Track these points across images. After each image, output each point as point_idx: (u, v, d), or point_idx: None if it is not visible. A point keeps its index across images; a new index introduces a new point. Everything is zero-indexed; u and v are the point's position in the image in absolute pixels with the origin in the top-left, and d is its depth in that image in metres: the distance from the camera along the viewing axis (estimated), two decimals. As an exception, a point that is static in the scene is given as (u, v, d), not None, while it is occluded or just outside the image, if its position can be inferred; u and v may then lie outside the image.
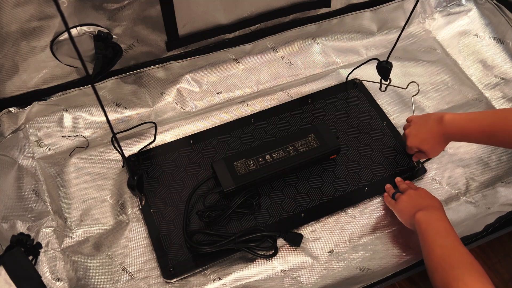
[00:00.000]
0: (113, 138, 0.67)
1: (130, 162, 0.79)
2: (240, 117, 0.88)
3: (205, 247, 0.69)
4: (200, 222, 0.74)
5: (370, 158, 0.83)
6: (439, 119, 0.72)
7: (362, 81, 0.93)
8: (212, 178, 0.76)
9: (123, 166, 0.80)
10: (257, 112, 0.89)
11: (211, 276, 0.70)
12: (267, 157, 0.76)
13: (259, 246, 0.71)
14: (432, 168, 0.83)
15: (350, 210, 0.77)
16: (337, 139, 0.80)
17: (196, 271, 0.70)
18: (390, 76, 0.82)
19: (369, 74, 0.94)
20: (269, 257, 0.71)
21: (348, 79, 0.93)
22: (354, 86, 0.93)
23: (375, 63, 0.83)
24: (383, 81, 0.84)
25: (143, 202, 0.75)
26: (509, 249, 0.88)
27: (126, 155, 0.81)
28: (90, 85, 0.83)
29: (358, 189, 0.79)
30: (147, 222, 0.74)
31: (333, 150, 0.79)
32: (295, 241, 0.73)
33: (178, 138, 0.85)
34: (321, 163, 0.81)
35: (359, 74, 0.93)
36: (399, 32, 1.04)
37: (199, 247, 0.69)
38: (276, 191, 0.78)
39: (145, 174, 0.79)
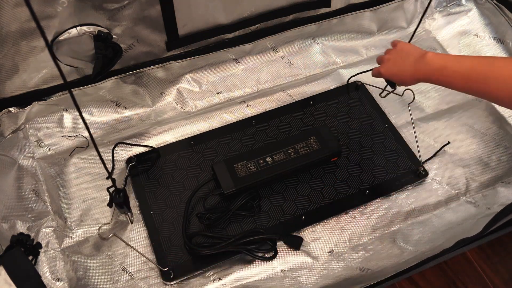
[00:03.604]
0: (114, 148, 0.67)
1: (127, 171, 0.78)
2: (241, 118, 0.88)
3: (204, 249, 0.69)
4: (200, 224, 0.73)
5: (371, 161, 0.82)
6: (421, 55, 0.68)
7: (364, 84, 0.93)
8: (213, 180, 0.76)
9: (107, 178, 0.79)
10: (258, 114, 0.88)
11: (211, 276, 0.70)
12: (268, 159, 0.76)
13: (259, 249, 0.71)
14: (432, 168, 0.83)
15: (350, 211, 0.77)
16: (339, 142, 0.80)
17: (196, 273, 0.70)
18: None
19: (369, 75, 0.94)
20: (268, 260, 0.71)
21: (350, 81, 0.92)
22: (356, 89, 0.93)
23: (376, 64, 0.83)
24: (388, 88, 0.82)
25: (133, 218, 0.73)
26: (509, 249, 0.88)
27: (127, 155, 0.81)
28: (90, 85, 0.84)
29: (359, 192, 0.78)
30: (147, 224, 0.74)
31: (334, 152, 0.79)
32: (295, 244, 0.73)
33: (178, 138, 0.85)
34: (322, 166, 0.81)
35: (359, 76, 0.92)
36: (400, 32, 1.05)
37: (198, 249, 0.69)
38: (276, 193, 0.78)
39: (146, 175, 0.79)
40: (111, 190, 0.73)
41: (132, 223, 0.74)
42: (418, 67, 0.67)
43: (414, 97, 0.87)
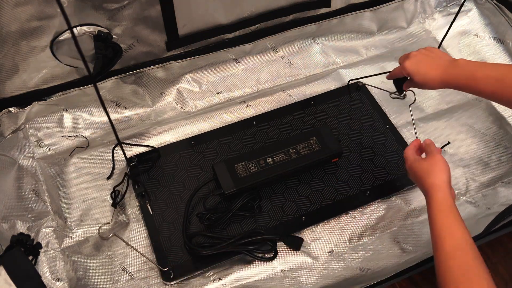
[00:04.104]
0: (114, 148, 0.67)
1: (131, 168, 0.79)
2: (241, 118, 0.88)
3: (205, 249, 0.69)
4: (200, 224, 0.73)
5: (372, 162, 0.82)
6: (453, 59, 0.67)
7: (365, 84, 0.93)
8: (213, 180, 0.76)
9: (108, 178, 0.79)
10: (259, 114, 0.88)
11: (211, 276, 0.70)
12: (269, 159, 0.76)
13: (259, 249, 0.71)
14: (432, 168, 0.83)
15: (350, 211, 0.77)
16: (339, 142, 0.80)
17: (196, 273, 0.70)
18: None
19: (371, 77, 0.94)
20: (268, 260, 0.71)
21: (350, 81, 0.92)
22: (357, 89, 0.93)
23: (376, 64, 0.83)
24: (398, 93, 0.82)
25: (150, 207, 0.75)
26: (509, 249, 0.88)
27: (127, 155, 0.81)
28: (90, 85, 0.84)
29: (359, 192, 0.78)
30: (147, 224, 0.74)
31: (335, 153, 0.78)
32: (295, 245, 0.72)
33: (178, 138, 0.85)
34: (322, 166, 0.81)
35: (360, 75, 0.92)
36: (400, 32, 1.05)
37: (198, 249, 0.69)
38: (277, 194, 0.78)
39: (146, 175, 0.79)
40: (117, 189, 0.74)
41: (152, 212, 0.74)
42: (449, 71, 0.66)
43: (415, 98, 0.87)
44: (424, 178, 0.62)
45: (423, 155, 0.68)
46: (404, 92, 0.79)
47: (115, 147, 0.81)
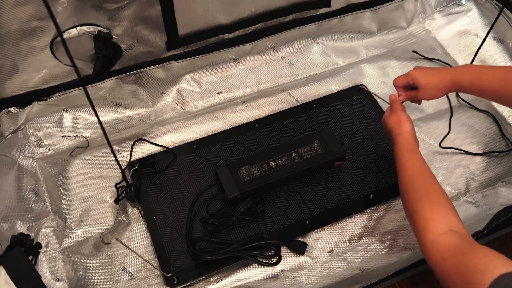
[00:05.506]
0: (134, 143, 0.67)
1: (127, 172, 0.78)
2: (241, 119, 0.88)
3: (208, 254, 0.69)
4: (203, 229, 0.73)
5: (375, 165, 0.82)
6: (455, 67, 0.73)
7: (366, 88, 0.93)
8: (216, 184, 0.75)
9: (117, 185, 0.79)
10: (261, 118, 0.88)
11: (211, 276, 0.70)
12: (272, 163, 0.76)
13: (263, 254, 0.70)
14: (432, 168, 0.82)
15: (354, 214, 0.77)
16: (342, 146, 0.79)
17: (199, 279, 0.69)
18: (391, 77, 0.82)
19: (370, 75, 0.94)
20: (272, 265, 0.71)
21: (353, 84, 0.92)
22: (359, 92, 0.92)
23: (376, 64, 0.83)
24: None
25: (142, 212, 0.75)
26: (509, 249, 0.88)
27: (129, 158, 0.81)
28: (90, 85, 0.84)
29: (363, 196, 0.78)
30: (150, 229, 0.73)
31: (338, 156, 0.78)
32: (299, 250, 0.72)
33: (179, 139, 0.85)
34: (326, 170, 0.80)
35: (363, 79, 0.92)
36: (400, 32, 1.04)
37: (202, 254, 0.69)
38: (280, 198, 0.77)
39: (148, 179, 0.79)
40: (120, 185, 0.73)
41: (143, 217, 0.74)
42: (455, 71, 0.71)
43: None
44: (392, 129, 0.72)
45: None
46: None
47: (134, 142, 0.82)
